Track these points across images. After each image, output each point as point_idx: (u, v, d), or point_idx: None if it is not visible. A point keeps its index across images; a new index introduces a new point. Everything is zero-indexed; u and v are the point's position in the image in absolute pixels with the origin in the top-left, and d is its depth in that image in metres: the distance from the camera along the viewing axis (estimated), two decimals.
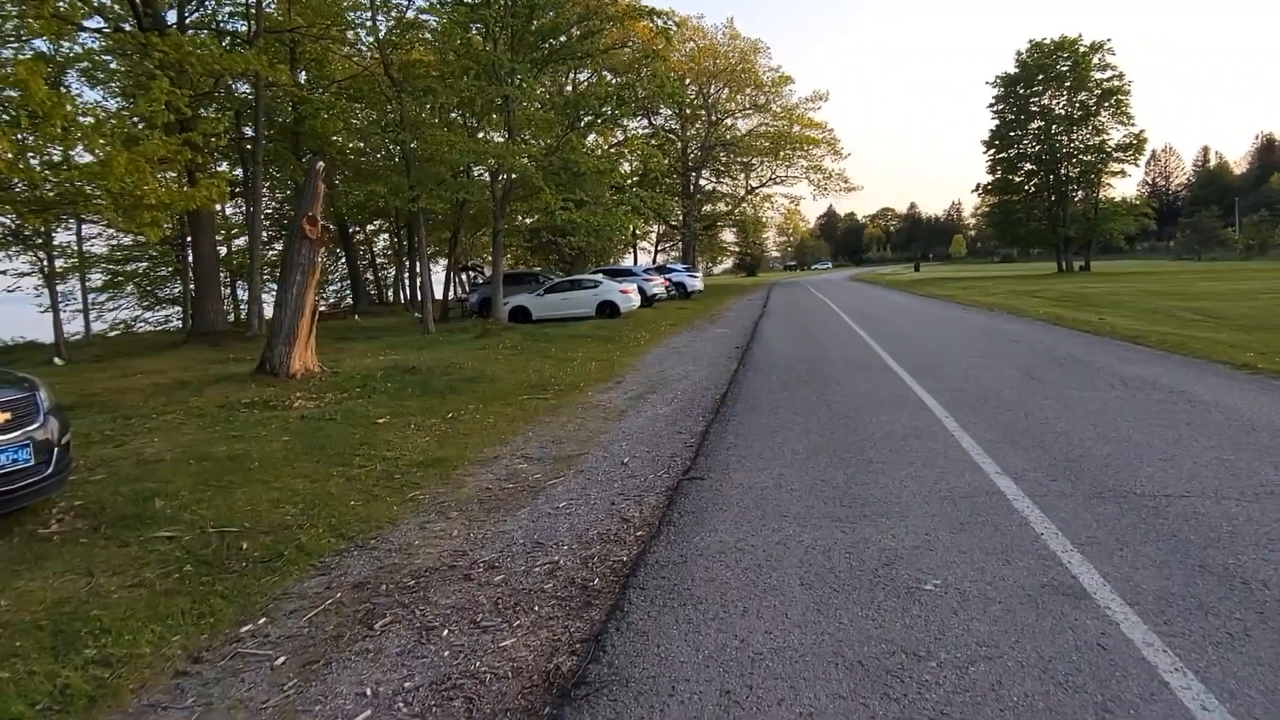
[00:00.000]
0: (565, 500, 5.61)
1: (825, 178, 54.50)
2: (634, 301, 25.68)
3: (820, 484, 5.35)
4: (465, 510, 5.65)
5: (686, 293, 38.78)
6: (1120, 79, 53.74)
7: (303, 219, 12.44)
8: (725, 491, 5.35)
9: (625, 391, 10.72)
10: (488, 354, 15.66)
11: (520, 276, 29.64)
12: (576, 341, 17.89)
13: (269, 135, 26.95)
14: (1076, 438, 6.24)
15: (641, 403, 9.63)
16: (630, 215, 24.63)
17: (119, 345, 26.39)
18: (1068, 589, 3.49)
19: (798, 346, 14.27)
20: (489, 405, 10.29)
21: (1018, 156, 58.12)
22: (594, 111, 23.64)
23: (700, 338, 17.86)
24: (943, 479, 5.28)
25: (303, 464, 7.43)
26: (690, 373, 11.92)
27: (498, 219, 23.68)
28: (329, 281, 49.12)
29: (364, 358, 15.96)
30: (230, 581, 4.67)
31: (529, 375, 12.80)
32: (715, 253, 76.07)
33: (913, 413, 7.57)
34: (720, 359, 13.36)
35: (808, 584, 3.68)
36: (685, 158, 53.38)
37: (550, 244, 33.32)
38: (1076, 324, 16.17)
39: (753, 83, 51.59)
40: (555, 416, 9.29)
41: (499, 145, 20.90)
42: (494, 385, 11.88)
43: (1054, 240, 57.22)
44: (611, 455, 6.93)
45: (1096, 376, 9.31)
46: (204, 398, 11.51)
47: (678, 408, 9.04)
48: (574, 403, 10.20)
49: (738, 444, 6.74)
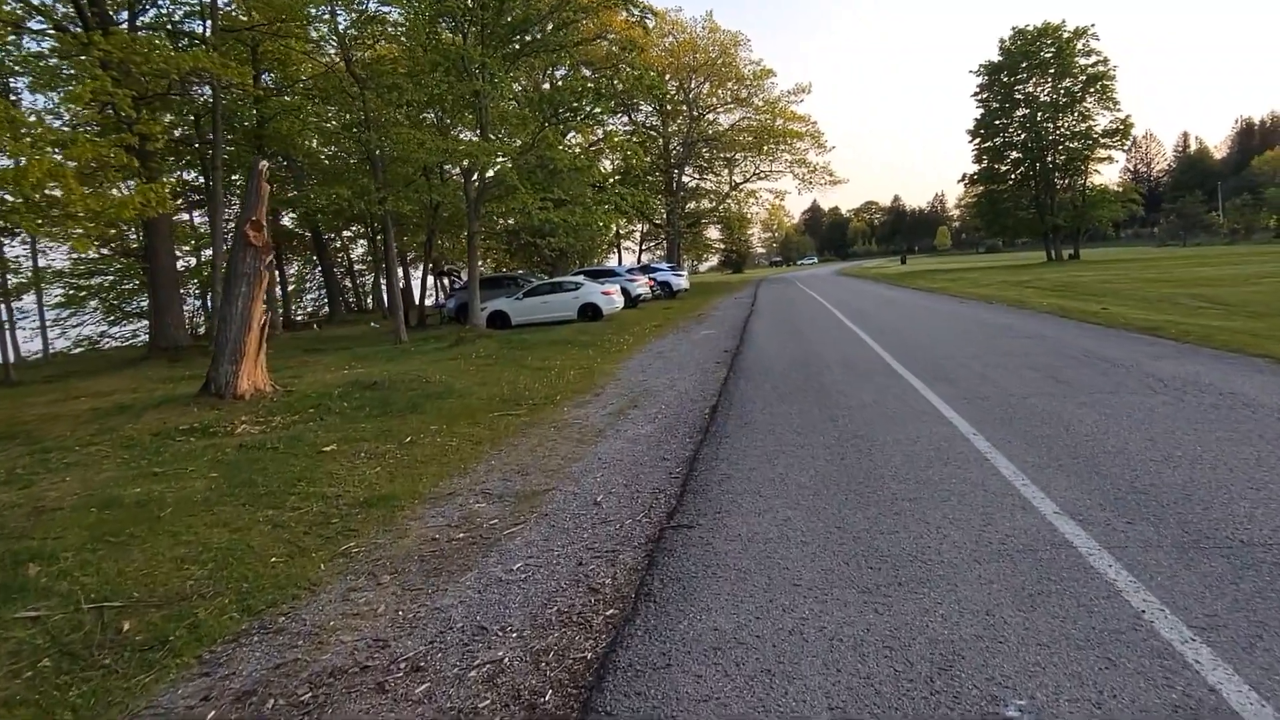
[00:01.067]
0: (522, 559, 4.56)
1: (810, 171, 53.64)
2: (617, 303, 24.63)
3: (836, 532, 4.31)
4: (401, 573, 4.60)
5: (672, 292, 37.79)
6: (1105, 64, 53.15)
7: (246, 224, 11.32)
8: (718, 546, 4.29)
9: (605, 406, 9.67)
10: (459, 365, 14.60)
11: (499, 280, 28.55)
12: (555, 348, 16.85)
13: (231, 140, 25.76)
14: (1136, 458, 5.22)
15: (622, 420, 8.58)
16: (611, 214, 23.55)
17: (78, 363, 25.16)
18: (1221, 714, 2.46)
19: (791, 348, 13.26)
20: (453, 425, 9.25)
21: (1003, 145, 57.43)
22: (570, 107, 22.56)
23: (686, 340, 16.84)
24: (989, 523, 4.25)
25: (226, 507, 6.37)
26: (676, 381, 10.88)
27: (472, 221, 22.57)
28: (306, 290, 47.86)
29: (326, 372, 14.87)
30: (92, 684, 3.63)
31: (501, 388, 11.75)
32: (701, 250, 75.08)
33: (932, 428, 6.54)
34: (708, 364, 12.32)
35: (838, 707, 2.64)
36: (668, 154, 52.35)
37: (530, 246, 32.13)
38: (1084, 316, 15.23)
39: (734, 76, 50.62)
40: (525, 438, 8.25)
41: (471, 144, 19.79)
42: (462, 401, 10.84)
43: (1042, 229, 56.54)
44: (583, 491, 5.88)
45: (1129, 377, 8.32)
46: (140, 424, 10.42)
47: (662, 426, 7.99)
48: (548, 420, 9.16)
49: (731, 475, 5.70)
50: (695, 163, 54.97)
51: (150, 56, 16.65)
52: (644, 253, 66.33)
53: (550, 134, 22.41)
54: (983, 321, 15.46)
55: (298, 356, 19.59)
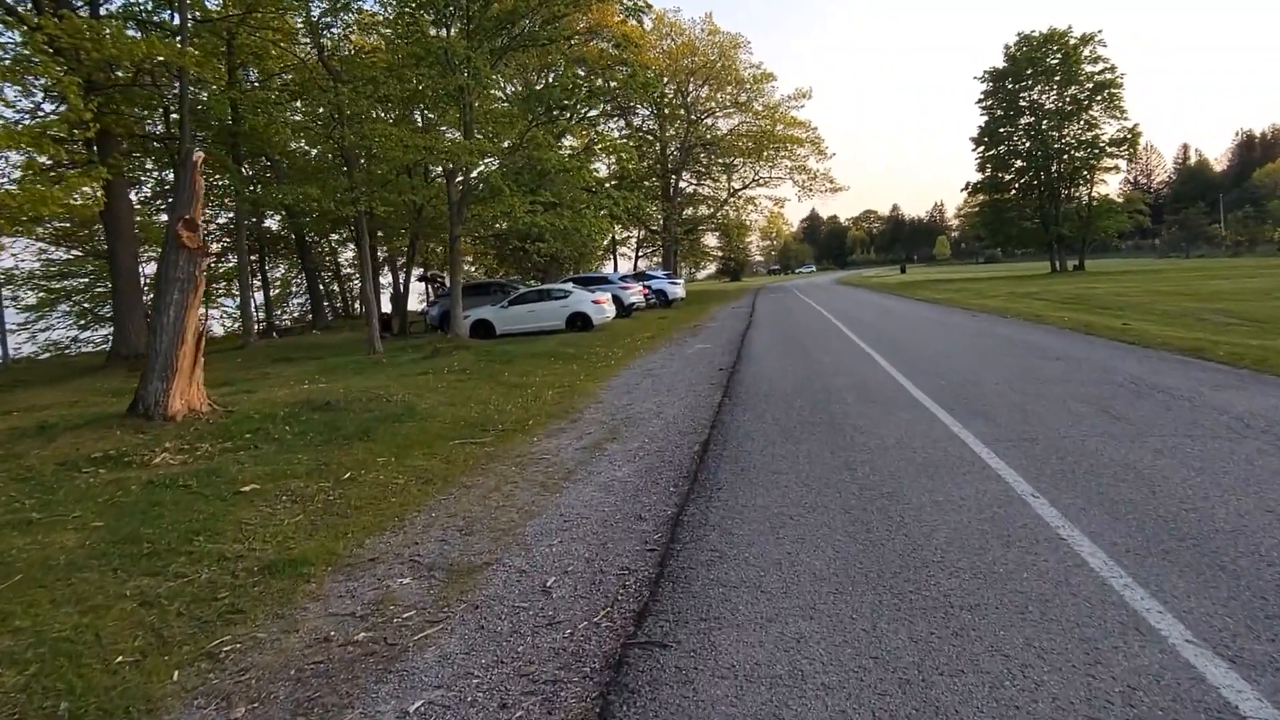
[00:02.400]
0: (427, 690, 3.23)
1: (810, 178, 52.39)
2: (608, 313, 23.32)
3: (872, 669, 2.97)
4: (262, 702, 3.29)
5: (668, 301, 36.52)
6: (1113, 71, 52.02)
7: (178, 224, 9.99)
8: (701, 686, 2.95)
9: (581, 435, 8.37)
10: (430, 380, 13.29)
11: (486, 287, 27.26)
12: (538, 361, 15.55)
13: (206, 137, 24.45)
14: (1266, 543, 3.92)
15: (597, 456, 7.27)
16: (603, 219, 22.26)
17: (37, 371, 23.75)
18: None
19: (794, 367, 11.95)
20: (405, 457, 7.99)
21: (1008, 154, 56.24)
22: (561, 105, 21.31)
23: (679, 355, 15.53)
24: (1096, 659, 2.91)
25: (91, 573, 5.10)
26: (663, 407, 9.56)
27: (454, 224, 21.29)
28: (292, 294, 46.44)
29: (282, 388, 13.54)
30: None
31: (470, 409, 10.49)
32: (698, 258, 73.78)
33: (978, 485, 5.22)
34: (701, 386, 11.01)
35: None
36: (665, 159, 51.12)
37: (519, 251, 30.84)
38: (1113, 333, 13.97)
39: (733, 80, 49.41)
40: (483, 477, 6.97)
41: (453, 142, 18.51)
42: (422, 425, 9.57)
43: (1046, 239, 55.31)
44: (533, 566, 4.56)
45: (1198, 413, 7.02)
46: (50, 450, 9.12)
47: (642, 467, 6.68)
48: (513, 453, 7.88)
49: (724, 553, 4.37)
50: (693, 168, 53.74)
51: (103, 43, 15.34)
52: (641, 259, 65.15)
53: (539, 134, 21.19)
54: (1004, 339, 14.13)
55: (260, 368, 18.27)
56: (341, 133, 17.48)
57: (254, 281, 41.50)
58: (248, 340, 25.09)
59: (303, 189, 17.52)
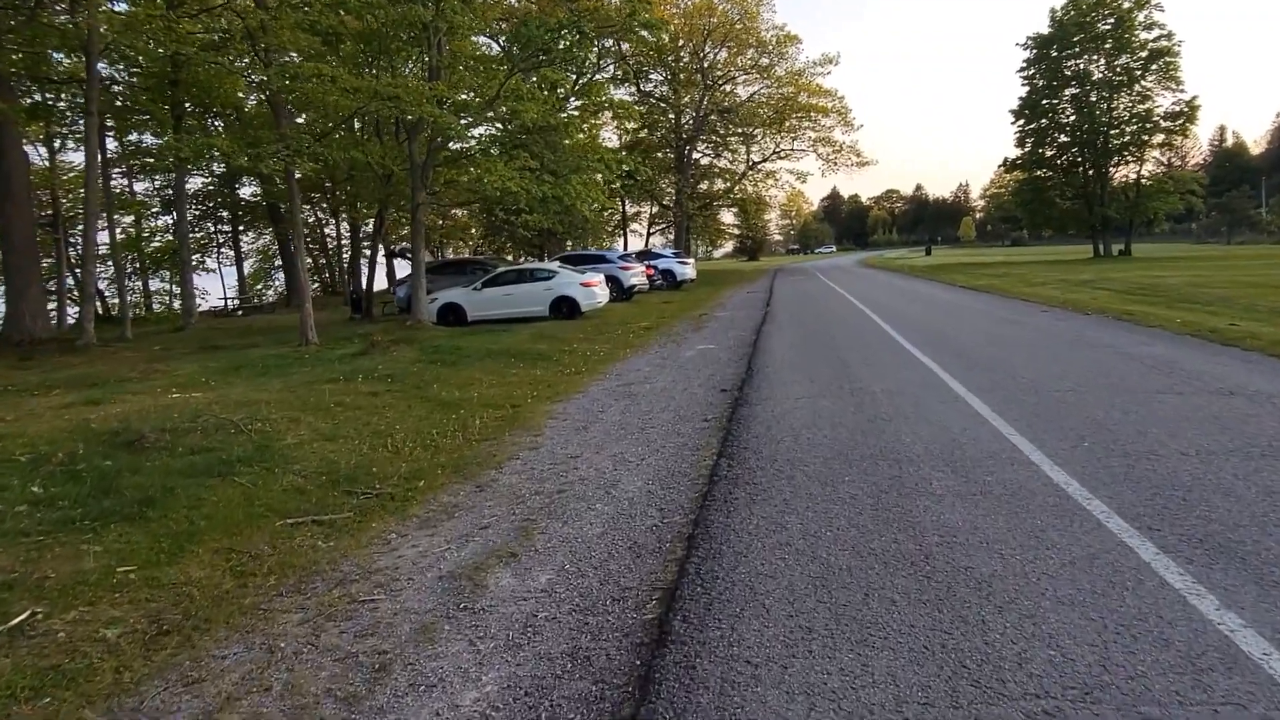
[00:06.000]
0: None
1: (835, 151, 48.36)
2: (599, 297, 19.78)
3: None
4: None
5: (676, 282, 32.96)
6: (1169, 38, 47.37)
7: None
8: None
9: (473, 526, 4.95)
10: (334, 391, 9.86)
11: (461, 265, 23.81)
12: (494, 363, 12.14)
13: (140, 84, 21.02)
14: None
15: (475, 594, 3.85)
16: (591, 186, 18.61)
17: None
18: None
19: (831, 399, 8.40)
20: (164, 567, 4.69)
21: (1050, 127, 51.79)
22: (543, 48, 17.66)
23: (673, 360, 12.03)
24: None
25: None
26: (622, 472, 6.03)
27: (416, 190, 17.81)
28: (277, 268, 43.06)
29: (143, 395, 10.16)
30: None
31: (352, 447, 7.18)
32: (713, 236, 69.83)
33: None
34: (689, 426, 7.43)
35: None
36: (679, 128, 47.19)
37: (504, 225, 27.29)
38: (1237, 338, 10.36)
39: (754, 42, 45.28)
40: (266, 626, 3.57)
41: (405, 87, 14.93)
42: (261, 479, 6.28)
43: (1091, 221, 50.93)
44: None
45: None
46: None
47: (529, 665, 3.24)
48: (347, 563, 4.49)
49: None
50: (709, 138, 49.77)
51: None
52: (654, 236, 61.46)
53: (519, 84, 17.61)
54: (1120, 352, 10.23)
55: (169, 360, 14.96)
56: (264, 74, 13.95)
57: (226, 254, 38.37)
58: (188, 321, 21.78)
59: (207, 141, 14.03)
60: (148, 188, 32.72)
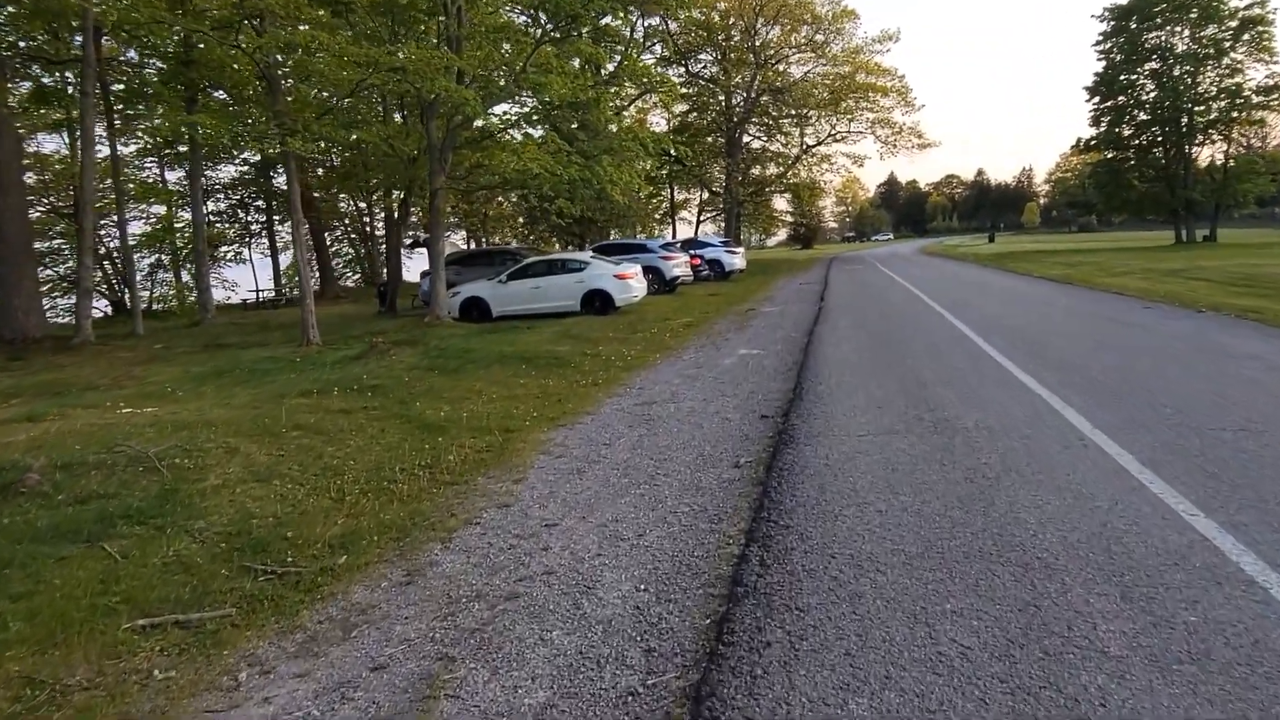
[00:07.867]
0: None
1: (895, 133, 45.49)
2: (635, 291, 17.97)
3: None
4: None
5: (724, 272, 30.97)
6: (1263, 5, 43.43)
7: None
8: None
9: (375, 660, 3.22)
10: (305, 406, 8.33)
11: (489, 255, 22.22)
12: (503, 370, 10.48)
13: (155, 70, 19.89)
14: None
15: None
16: (624, 168, 16.77)
17: None
18: None
19: (901, 416, 6.51)
20: None
21: (1129, 104, 48.12)
22: (574, 13, 15.87)
23: (709, 369, 10.18)
24: None
25: None
26: (624, 550, 4.28)
27: (435, 173, 16.26)
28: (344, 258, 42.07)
29: (95, 409, 8.77)
30: None
31: (280, 496, 5.63)
32: (765, 223, 67.17)
33: None
34: (714, 476, 5.55)
35: None
36: (729, 111, 44.90)
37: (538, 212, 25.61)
38: None
39: (809, 18, 42.75)
40: None
41: (413, 58, 13.30)
42: (132, 549, 4.69)
43: (1173, 204, 47.20)
44: None
45: None
46: None
47: None
48: None
49: None
50: (761, 120, 47.35)
51: None
52: (704, 224, 59.38)
53: (546, 55, 15.92)
54: (1276, 367, 8.25)
55: (162, 360, 13.80)
56: (256, 41, 12.44)
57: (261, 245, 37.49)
58: (204, 316, 20.65)
59: (191, 118, 12.60)
60: (180, 176, 31.91)
